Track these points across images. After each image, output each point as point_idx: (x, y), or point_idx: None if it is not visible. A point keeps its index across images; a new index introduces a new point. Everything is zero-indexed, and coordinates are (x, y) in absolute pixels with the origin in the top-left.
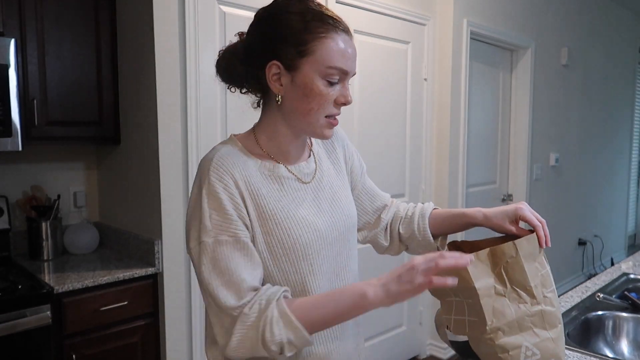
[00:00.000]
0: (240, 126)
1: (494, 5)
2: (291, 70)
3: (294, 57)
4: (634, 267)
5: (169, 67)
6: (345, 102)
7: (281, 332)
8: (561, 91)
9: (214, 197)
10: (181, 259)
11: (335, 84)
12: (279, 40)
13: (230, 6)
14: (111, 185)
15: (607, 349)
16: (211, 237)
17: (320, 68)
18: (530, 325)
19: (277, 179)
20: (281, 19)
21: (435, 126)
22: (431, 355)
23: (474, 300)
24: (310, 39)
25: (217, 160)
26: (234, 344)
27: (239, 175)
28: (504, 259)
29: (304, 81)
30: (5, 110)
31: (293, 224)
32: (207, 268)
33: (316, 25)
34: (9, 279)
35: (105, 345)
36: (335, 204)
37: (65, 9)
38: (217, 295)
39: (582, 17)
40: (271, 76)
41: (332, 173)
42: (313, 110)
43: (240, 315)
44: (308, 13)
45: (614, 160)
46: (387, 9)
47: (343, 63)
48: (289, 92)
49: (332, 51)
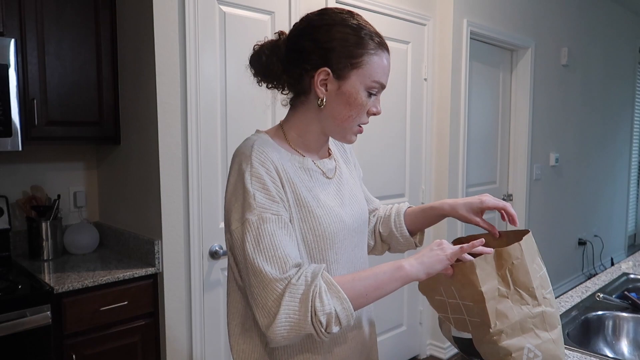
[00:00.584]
0: (240, 126)
1: (494, 5)
2: (340, 79)
3: (345, 67)
4: (634, 267)
5: (169, 67)
6: (377, 113)
7: (330, 302)
8: (561, 91)
9: (258, 179)
10: (181, 259)
11: (373, 95)
12: (333, 50)
13: (230, 6)
14: (111, 185)
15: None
16: (255, 215)
17: (366, 81)
18: (532, 327)
19: (307, 170)
20: (337, 30)
21: (435, 126)
22: (431, 355)
23: (479, 303)
24: (362, 53)
25: (258, 147)
26: (283, 320)
27: (278, 163)
28: (509, 261)
29: (350, 91)
30: (5, 110)
31: (324, 212)
32: (251, 245)
33: (368, 42)
34: (9, 279)
35: (105, 345)
36: (353, 199)
37: (65, 9)
38: (261, 269)
39: (582, 17)
40: (319, 81)
41: (346, 171)
42: (351, 118)
43: (288, 286)
44: (361, 29)
45: (614, 160)
46: (387, 9)
47: (384, 78)
48: (333, 98)
49: (379, 67)
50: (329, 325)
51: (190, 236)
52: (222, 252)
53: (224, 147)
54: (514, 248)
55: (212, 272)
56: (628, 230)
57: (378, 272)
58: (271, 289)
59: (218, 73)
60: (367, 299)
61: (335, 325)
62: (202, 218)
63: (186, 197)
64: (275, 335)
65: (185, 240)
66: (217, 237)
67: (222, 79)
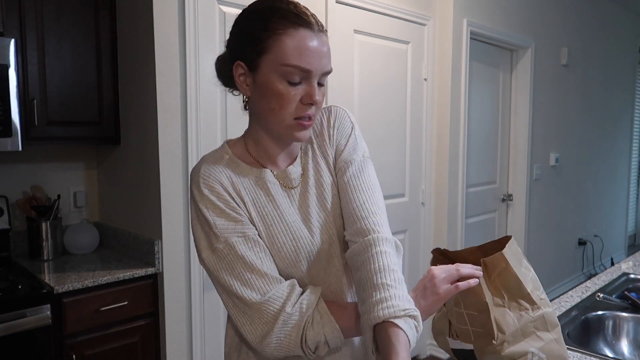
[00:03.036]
0: (240, 126)
1: (494, 5)
2: (253, 70)
3: (254, 56)
4: (634, 267)
5: (169, 67)
6: (312, 102)
7: (321, 330)
8: (561, 91)
9: (213, 206)
10: (181, 259)
11: (297, 84)
12: (242, 39)
13: (230, 6)
14: (111, 185)
15: (607, 349)
16: (221, 242)
17: (276, 66)
18: (533, 330)
19: (264, 185)
20: (246, 19)
21: (435, 126)
22: (431, 355)
23: (483, 314)
24: (266, 36)
25: (204, 170)
26: (274, 342)
27: (227, 183)
28: (495, 271)
29: (263, 81)
30: (5, 110)
31: (278, 231)
32: (226, 272)
33: (274, 22)
34: (9, 279)
35: (106, 345)
36: (322, 208)
37: (65, 9)
38: (241, 295)
39: (582, 17)
40: (238, 77)
41: (325, 175)
42: (275, 111)
43: (281, 313)
44: (271, 10)
45: (614, 160)
46: (387, 9)
47: (301, 60)
48: (254, 93)
49: (287, 47)
50: (317, 349)
51: (190, 236)
52: None
53: None
54: (496, 258)
55: None
56: (628, 230)
57: None
58: (258, 310)
59: None
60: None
61: (323, 350)
62: None
63: (186, 197)
64: (265, 352)
65: (185, 240)
66: None
67: None
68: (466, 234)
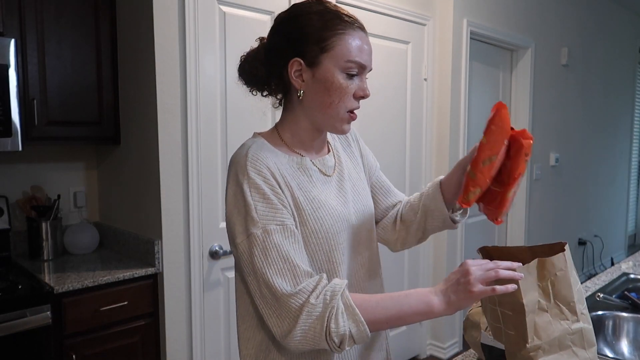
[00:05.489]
0: (240, 126)
1: (494, 5)
2: (312, 66)
3: (315, 53)
4: (634, 267)
5: (169, 67)
6: (364, 95)
7: (345, 324)
8: (561, 91)
9: (257, 190)
10: (181, 259)
11: (354, 77)
12: (301, 39)
13: (230, 6)
14: (111, 185)
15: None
16: (259, 228)
17: (340, 62)
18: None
19: (305, 170)
20: (302, 19)
21: (435, 126)
22: (431, 355)
23: (518, 315)
24: (330, 35)
25: (252, 154)
26: (298, 335)
27: (274, 167)
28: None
29: (325, 75)
30: (5, 110)
31: (325, 214)
32: (259, 259)
33: (335, 23)
34: (9, 279)
35: (105, 345)
36: (356, 195)
37: (65, 9)
38: (272, 283)
39: (582, 17)
40: (293, 72)
41: (350, 166)
42: (334, 104)
43: (306, 304)
44: (327, 13)
45: (614, 160)
46: (387, 9)
47: (361, 57)
48: (311, 87)
49: (351, 46)
50: (342, 344)
51: (190, 236)
52: (222, 252)
53: (224, 147)
54: (558, 258)
55: (212, 272)
56: (628, 230)
57: (404, 302)
58: (285, 303)
59: (218, 73)
60: (386, 326)
61: (349, 344)
62: (202, 218)
63: (186, 197)
64: (290, 346)
65: (185, 240)
66: (217, 237)
67: (222, 79)
68: (466, 234)
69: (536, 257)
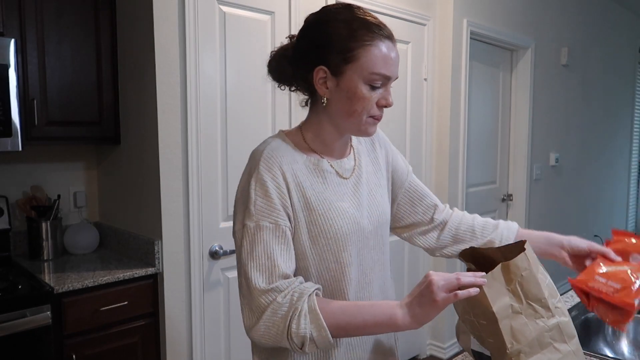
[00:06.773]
0: (240, 126)
1: (494, 5)
2: (337, 76)
3: (340, 63)
4: None
5: (169, 67)
6: (387, 105)
7: (307, 326)
8: (561, 91)
9: (261, 185)
10: (181, 259)
11: (377, 88)
12: (326, 47)
13: (230, 6)
14: (111, 185)
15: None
16: (253, 221)
17: (364, 74)
18: (550, 341)
19: (321, 172)
20: (329, 26)
21: (435, 126)
22: (431, 355)
23: (492, 324)
24: (356, 46)
25: (268, 152)
26: (262, 330)
27: (287, 167)
28: (518, 273)
29: (349, 86)
30: (5, 110)
31: (335, 215)
32: (246, 250)
33: (362, 33)
34: (9, 279)
35: (105, 345)
36: (372, 199)
37: (65, 9)
38: (250, 276)
39: (582, 17)
40: (318, 79)
41: (370, 170)
42: (357, 112)
43: (272, 302)
44: (355, 21)
45: (614, 160)
46: (387, 9)
47: (386, 69)
48: (335, 95)
49: (376, 58)
50: (304, 346)
51: (190, 236)
52: (222, 252)
53: (224, 147)
54: (520, 259)
55: (212, 272)
56: (628, 230)
57: (369, 312)
58: (256, 297)
59: (218, 73)
60: (346, 334)
61: (310, 348)
62: (202, 218)
63: (186, 197)
64: (254, 339)
65: (185, 240)
66: (217, 237)
67: (222, 79)
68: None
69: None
